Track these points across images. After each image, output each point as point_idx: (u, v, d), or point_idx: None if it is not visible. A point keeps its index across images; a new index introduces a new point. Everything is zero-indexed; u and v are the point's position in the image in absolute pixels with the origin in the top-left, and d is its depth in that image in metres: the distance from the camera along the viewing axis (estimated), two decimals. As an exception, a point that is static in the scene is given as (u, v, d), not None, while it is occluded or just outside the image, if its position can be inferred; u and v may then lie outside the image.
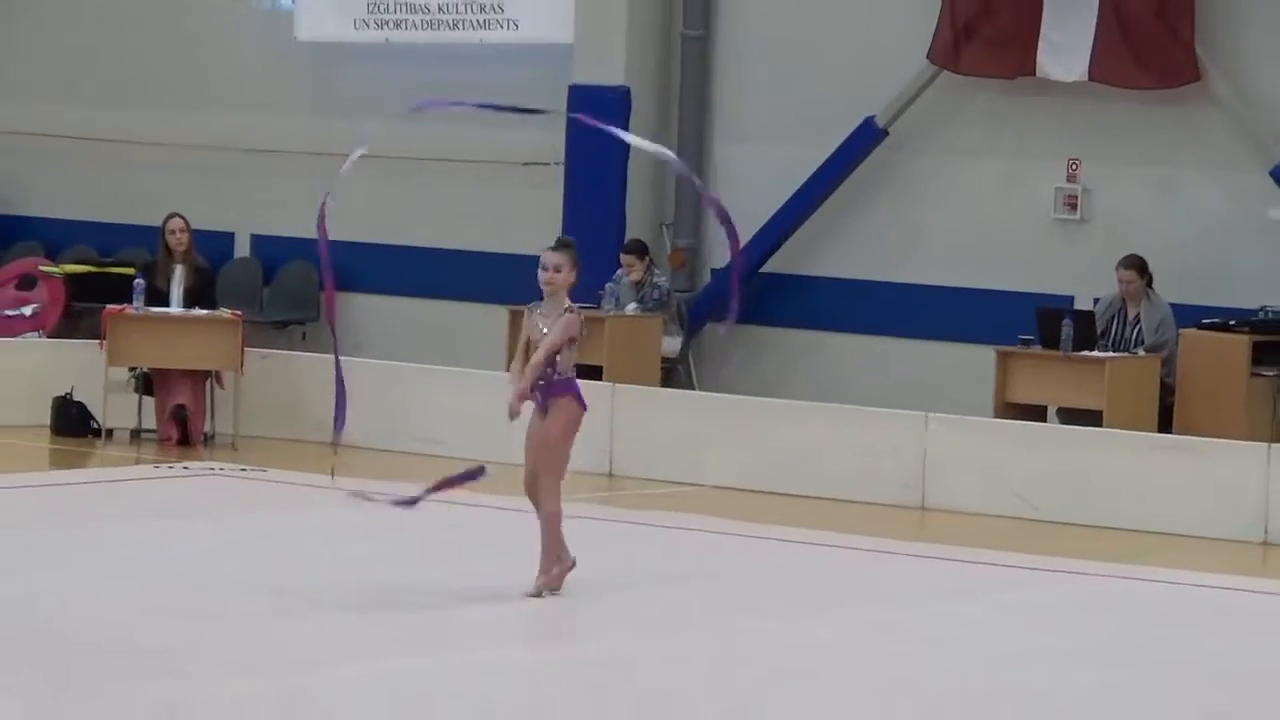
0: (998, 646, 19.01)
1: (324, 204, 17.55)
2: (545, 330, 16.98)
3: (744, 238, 27.82)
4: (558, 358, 16.92)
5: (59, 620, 18.03)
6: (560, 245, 16.86)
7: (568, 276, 16.71)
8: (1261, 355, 25.83)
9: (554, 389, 16.83)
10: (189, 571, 20.10)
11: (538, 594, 17.04)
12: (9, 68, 32.50)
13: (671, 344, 27.40)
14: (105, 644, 17.05)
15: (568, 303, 16.85)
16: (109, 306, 27.35)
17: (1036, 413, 26.43)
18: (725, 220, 17.36)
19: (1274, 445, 24.51)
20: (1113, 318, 26.30)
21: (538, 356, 17.11)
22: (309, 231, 29.82)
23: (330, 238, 29.96)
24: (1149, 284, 26.27)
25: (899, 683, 17.26)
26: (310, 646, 16.89)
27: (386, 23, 30.05)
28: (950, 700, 16.73)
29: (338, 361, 18.91)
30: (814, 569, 21.89)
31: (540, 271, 16.58)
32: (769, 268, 28.88)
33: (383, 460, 25.98)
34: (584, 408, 17.34)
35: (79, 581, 19.52)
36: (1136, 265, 26.08)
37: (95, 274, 29.26)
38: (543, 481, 16.95)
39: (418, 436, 26.71)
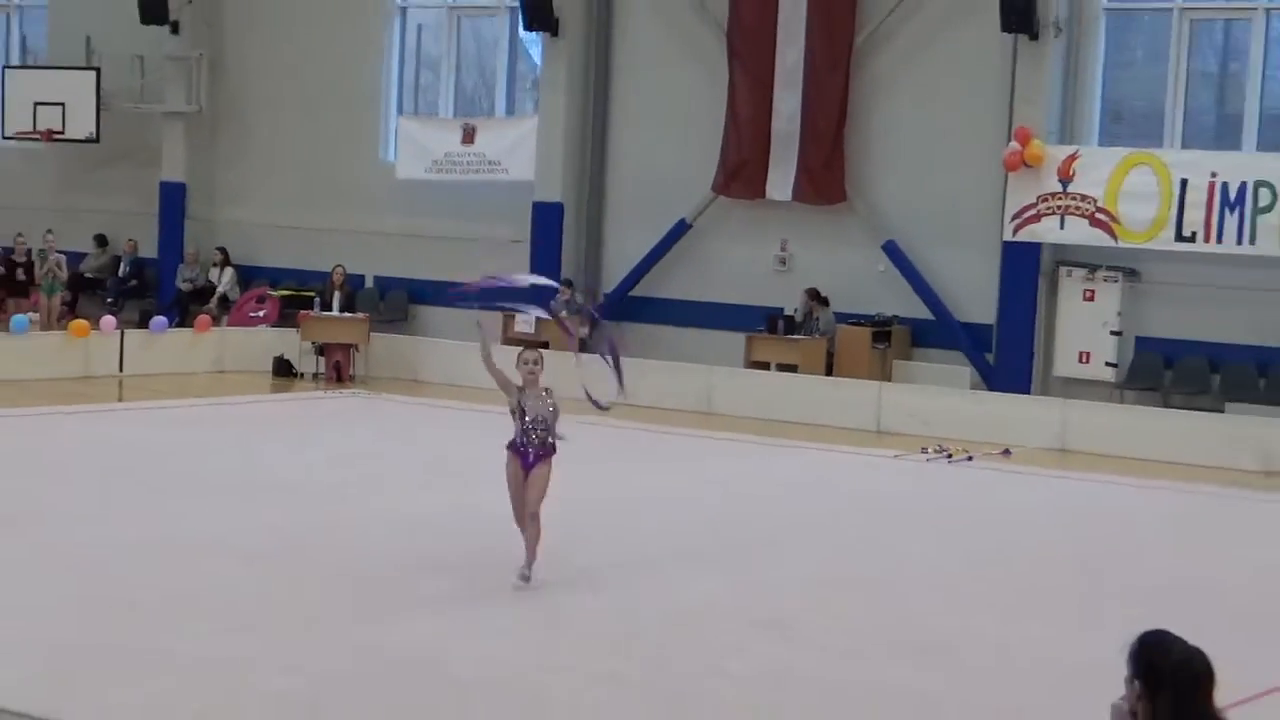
0: (753, 481, 19.86)
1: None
2: (543, 409, 13.00)
3: (620, 277, 28.44)
4: (555, 426, 13.17)
5: (268, 470, 18.69)
6: (537, 348, 13.41)
7: (543, 369, 13.15)
8: (876, 339, 25.98)
9: (546, 452, 13.06)
10: (344, 447, 20.69)
11: (526, 579, 13.06)
12: (247, 185, 31.78)
13: (584, 332, 27.91)
14: (296, 483, 17.81)
15: (547, 387, 13.20)
16: (302, 312, 27.78)
17: (765, 366, 26.16)
18: (612, 348, 13.79)
19: (882, 383, 25.04)
20: (804, 318, 26.31)
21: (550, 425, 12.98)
22: (398, 272, 30.40)
23: (412, 276, 30.33)
24: (823, 302, 26.24)
25: (708, 505, 18.11)
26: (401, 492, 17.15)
27: (443, 169, 29.27)
28: (735, 511, 17.40)
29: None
30: (652, 443, 22.00)
31: (522, 365, 13.04)
32: (634, 293, 28.38)
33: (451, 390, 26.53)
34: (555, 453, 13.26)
35: (286, 452, 20.15)
36: (811, 291, 26.28)
37: (295, 295, 29.08)
38: (537, 511, 12.99)
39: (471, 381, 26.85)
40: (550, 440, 13.16)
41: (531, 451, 13.06)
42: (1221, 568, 15.81)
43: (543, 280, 17.09)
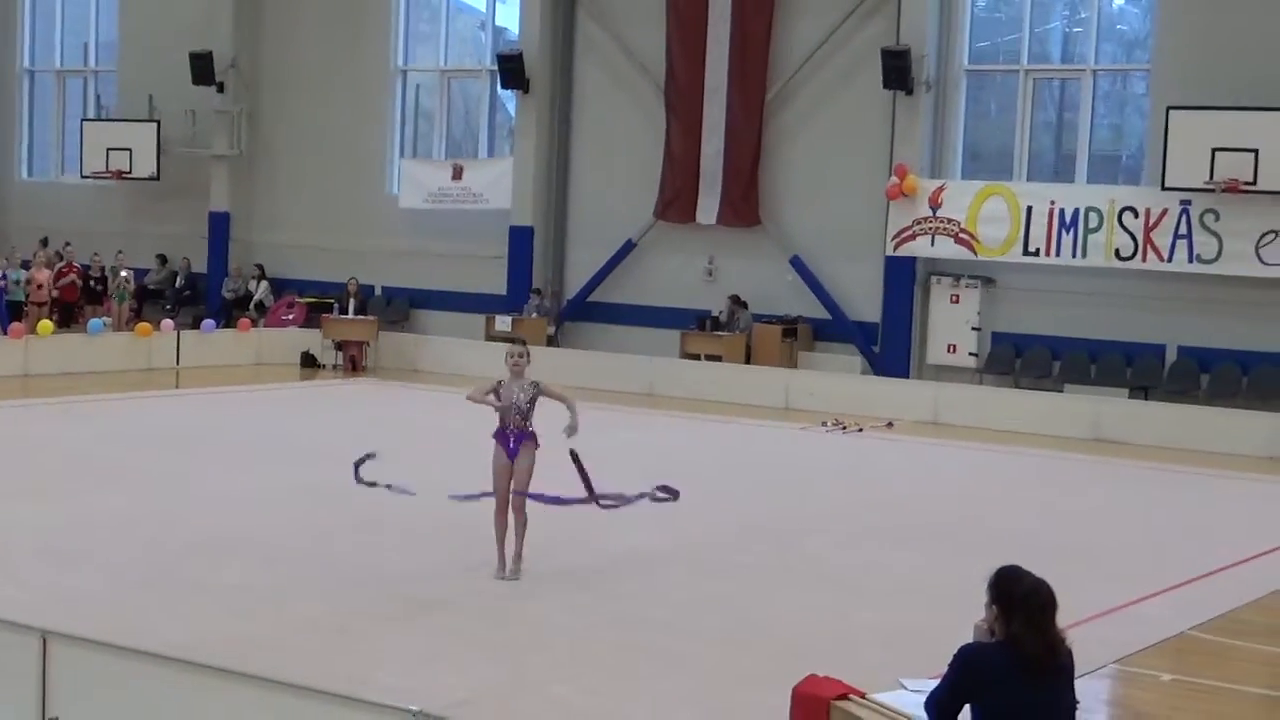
0: (684, 449, 19.72)
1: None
2: (521, 393, 11.43)
3: (580, 285, 28.22)
4: (531, 413, 11.51)
5: (298, 440, 18.75)
6: (520, 342, 11.62)
7: (529, 361, 11.50)
8: (785, 334, 25.67)
9: (527, 436, 11.47)
10: (358, 417, 20.68)
11: (517, 576, 11.46)
12: (279, 214, 31.38)
13: (550, 329, 27.69)
14: (320, 448, 17.68)
15: (531, 378, 11.59)
16: (324, 315, 27.69)
17: (696, 357, 25.81)
18: (581, 471, 11.67)
19: (790, 370, 24.98)
20: (728, 318, 26.08)
21: (572, 405, 11.56)
22: (401, 283, 30.22)
23: (412, 286, 30.01)
24: (743, 305, 26.03)
25: (648, 468, 17.92)
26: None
27: (437, 200, 28.90)
28: (669, 473, 17.00)
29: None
30: (603, 420, 22.29)
31: (509, 359, 11.44)
32: (591, 299, 28.01)
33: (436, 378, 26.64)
34: (538, 446, 11.60)
35: (312, 426, 20.22)
36: (733, 297, 26.11)
37: (318, 302, 28.73)
38: (523, 500, 11.53)
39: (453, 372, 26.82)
40: (529, 425, 11.55)
41: (512, 436, 11.52)
42: (1057, 513, 15.91)
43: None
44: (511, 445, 11.58)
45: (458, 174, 29.25)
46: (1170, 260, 23.10)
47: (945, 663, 6.02)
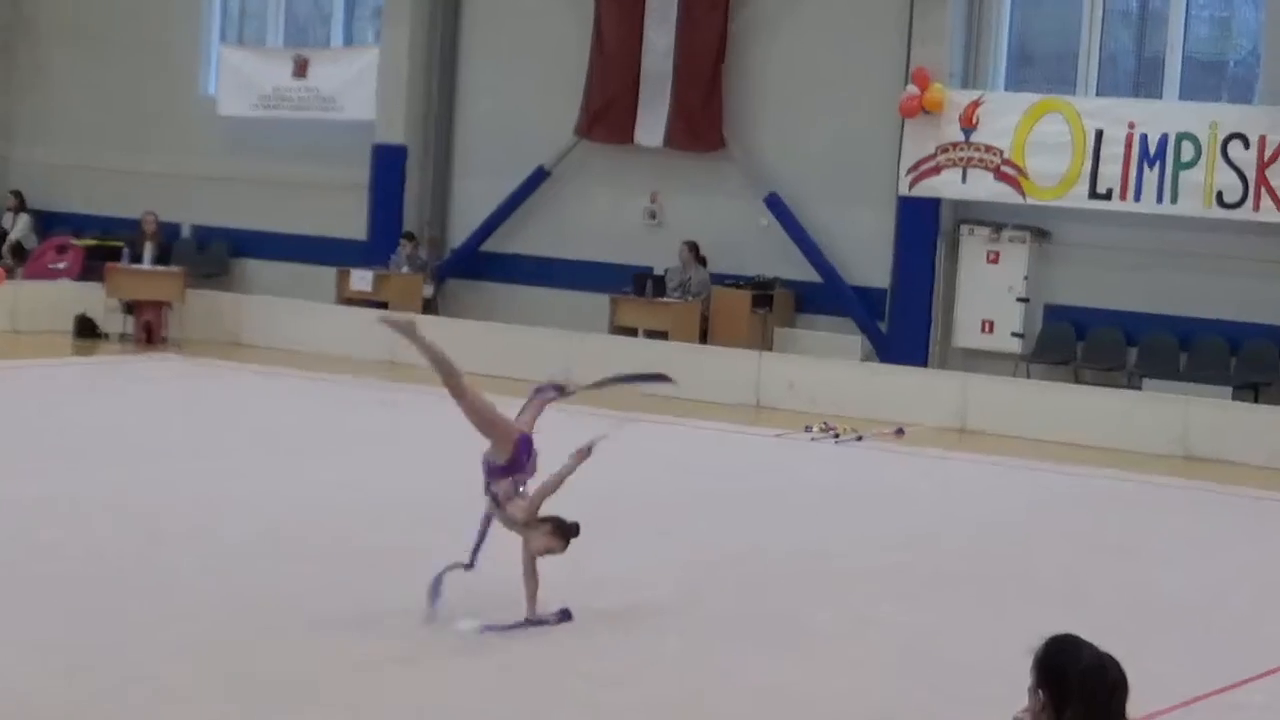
0: (617, 462, 19.89)
1: None
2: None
3: (470, 230, 28.48)
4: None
5: (67, 440, 18.71)
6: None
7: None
8: (756, 303, 25.96)
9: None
10: (146, 406, 20.82)
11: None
12: (45, 121, 31.54)
13: (428, 290, 27.73)
14: (97, 452, 17.67)
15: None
16: (109, 264, 27.62)
17: (632, 332, 26.13)
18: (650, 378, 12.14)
19: (762, 352, 25.17)
20: (679, 278, 26.21)
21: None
22: (219, 221, 30.27)
23: (235, 225, 30.11)
24: (701, 261, 26.24)
25: (567, 487, 18.08)
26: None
27: (271, 105, 29.21)
28: (598, 494, 17.45)
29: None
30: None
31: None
32: (485, 248, 28.31)
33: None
34: None
35: (89, 414, 20.21)
36: (690, 245, 26.24)
37: (100, 245, 28.77)
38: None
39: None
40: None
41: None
42: (1128, 559, 15.99)
43: None
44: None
45: (301, 69, 29.38)
46: (1292, 209, 23.34)
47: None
